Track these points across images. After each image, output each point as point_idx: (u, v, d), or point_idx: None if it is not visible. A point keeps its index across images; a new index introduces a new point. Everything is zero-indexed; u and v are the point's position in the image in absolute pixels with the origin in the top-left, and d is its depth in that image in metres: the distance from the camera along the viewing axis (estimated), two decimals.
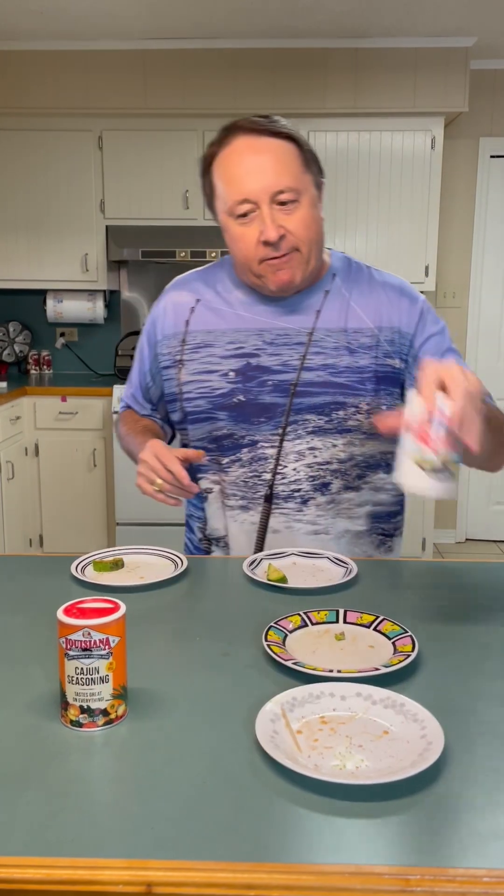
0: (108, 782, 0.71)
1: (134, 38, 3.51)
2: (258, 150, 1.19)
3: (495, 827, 0.64)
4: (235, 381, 1.31)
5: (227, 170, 1.21)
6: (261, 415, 1.30)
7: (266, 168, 1.19)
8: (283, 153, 1.20)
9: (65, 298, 3.97)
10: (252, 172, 1.19)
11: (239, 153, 1.20)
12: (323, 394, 1.29)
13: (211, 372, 1.33)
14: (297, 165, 1.21)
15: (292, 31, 3.42)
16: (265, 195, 1.19)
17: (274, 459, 1.31)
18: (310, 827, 0.64)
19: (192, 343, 1.35)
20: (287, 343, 1.30)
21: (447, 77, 3.57)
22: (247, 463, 1.32)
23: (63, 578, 1.18)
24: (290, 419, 1.29)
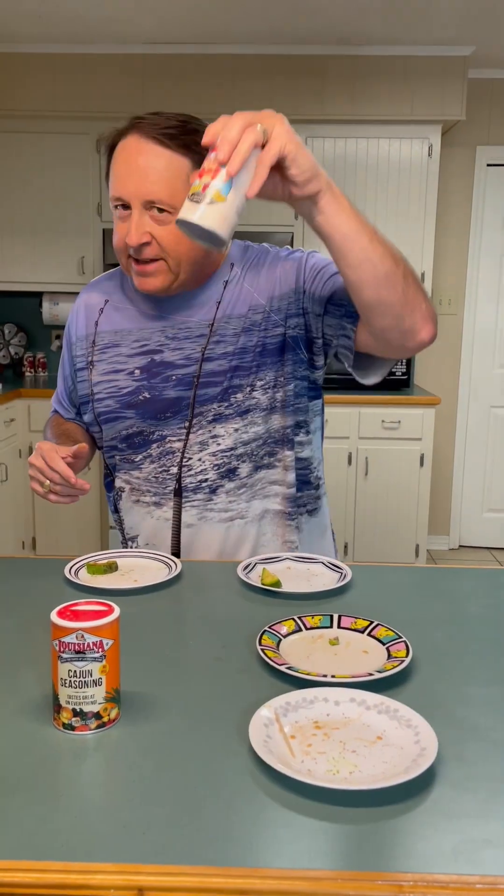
0: (99, 786, 0.71)
1: (132, 42, 3.52)
2: (143, 155, 1.16)
3: (488, 833, 0.64)
4: (140, 379, 1.32)
5: (115, 165, 1.20)
6: (167, 410, 1.31)
7: (144, 175, 1.16)
8: (168, 165, 1.16)
9: (61, 301, 3.96)
10: (131, 175, 1.17)
11: (126, 152, 1.18)
12: (220, 383, 1.29)
13: (118, 371, 1.34)
14: (180, 181, 1.16)
15: (291, 37, 3.43)
16: (137, 200, 1.17)
17: (180, 452, 1.32)
18: (303, 832, 0.64)
19: (101, 344, 1.36)
20: (189, 336, 1.30)
21: (445, 86, 3.58)
22: (156, 458, 1.33)
23: (56, 581, 1.18)
24: (195, 412, 1.30)
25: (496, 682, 0.90)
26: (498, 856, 0.62)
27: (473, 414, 4.24)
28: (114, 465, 1.40)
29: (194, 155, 1.16)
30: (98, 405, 1.36)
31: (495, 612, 1.11)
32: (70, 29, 3.36)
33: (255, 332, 1.29)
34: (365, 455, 3.65)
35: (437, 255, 4.00)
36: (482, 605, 1.14)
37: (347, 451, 3.64)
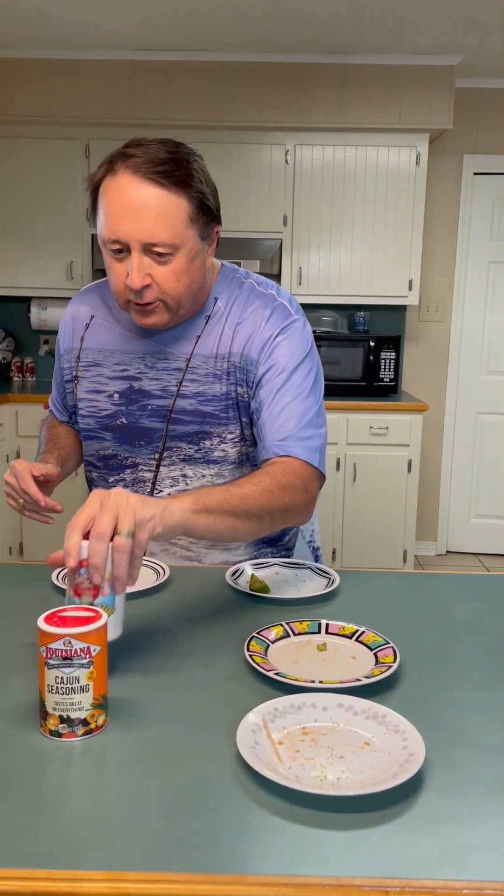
0: (86, 793, 0.70)
1: (122, 48, 3.52)
2: (138, 195, 1.10)
3: (474, 839, 0.64)
4: (119, 404, 1.31)
5: (107, 204, 1.12)
6: (141, 438, 1.31)
7: (143, 216, 1.10)
8: (166, 207, 1.10)
9: (49, 306, 3.95)
10: (128, 217, 1.10)
11: (119, 191, 1.10)
12: (192, 422, 1.27)
13: (99, 392, 1.33)
14: (179, 221, 1.12)
15: (280, 45, 3.45)
16: (136, 243, 1.11)
17: (150, 483, 1.31)
18: (290, 838, 0.64)
19: (85, 361, 1.35)
20: (167, 368, 1.28)
21: (432, 94, 3.61)
22: (129, 484, 1.33)
23: (44, 587, 1.17)
24: (166, 445, 1.29)
25: (483, 687, 0.90)
26: (484, 860, 0.62)
27: (461, 420, 4.26)
28: (91, 479, 1.40)
29: (188, 189, 1.12)
30: (80, 421, 1.37)
31: (482, 617, 1.12)
32: (60, 35, 3.36)
33: (224, 382, 1.26)
34: (353, 461, 3.66)
35: (425, 263, 4.03)
36: (469, 611, 1.15)
37: (335, 457, 3.65)
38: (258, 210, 3.69)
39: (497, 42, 3.37)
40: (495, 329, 4.17)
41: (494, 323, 4.17)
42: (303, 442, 1.19)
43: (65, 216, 3.74)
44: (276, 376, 1.22)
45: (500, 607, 1.16)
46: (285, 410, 1.20)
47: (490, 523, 4.33)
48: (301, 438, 1.19)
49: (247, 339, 1.25)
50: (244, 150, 3.67)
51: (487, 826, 0.66)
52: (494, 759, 0.76)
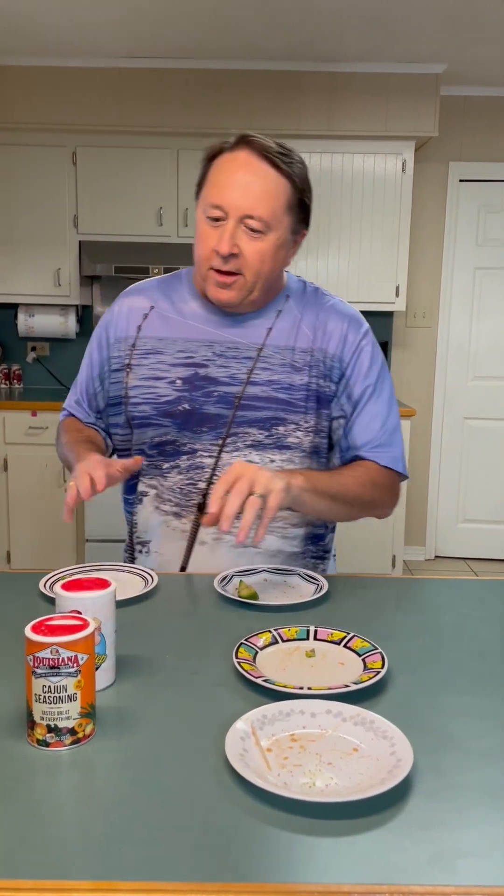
0: (74, 803, 0.70)
1: (110, 56, 3.53)
2: (251, 171, 1.20)
3: (463, 844, 0.65)
4: (182, 389, 1.32)
5: (219, 173, 1.23)
6: (203, 424, 1.31)
7: (250, 190, 1.20)
8: (274, 187, 1.21)
9: (36, 313, 3.94)
10: (236, 187, 1.20)
11: (235, 164, 1.21)
12: (265, 408, 1.30)
13: (158, 378, 1.33)
14: (280, 203, 1.21)
15: (267, 53, 3.47)
16: (236, 212, 1.20)
17: (210, 469, 1.32)
18: (279, 846, 0.64)
19: (143, 348, 1.35)
20: (236, 357, 1.31)
21: (418, 102, 3.64)
22: (185, 470, 1.33)
23: (31, 595, 1.17)
24: (231, 431, 1.30)
25: (470, 692, 0.91)
26: (473, 865, 0.62)
27: (448, 425, 4.28)
28: (140, 468, 1.38)
29: (294, 180, 1.23)
30: (133, 409, 1.35)
31: (469, 622, 1.12)
32: (48, 42, 3.37)
33: (306, 374, 1.32)
34: None
35: (412, 269, 4.05)
36: (457, 616, 1.15)
37: None
38: None
39: (481, 51, 3.40)
40: (482, 335, 4.20)
41: (481, 329, 4.20)
42: (392, 449, 1.33)
43: (52, 223, 3.74)
44: (365, 382, 1.33)
45: (487, 612, 1.17)
46: (375, 418, 1.33)
47: (478, 528, 4.35)
48: (390, 445, 1.33)
49: (331, 339, 1.33)
50: None
51: (476, 830, 0.66)
52: (482, 764, 0.76)
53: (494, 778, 0.74)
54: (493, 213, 4.10)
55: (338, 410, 1.34)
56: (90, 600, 0.87)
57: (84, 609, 0.86)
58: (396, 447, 1.34)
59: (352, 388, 1.33)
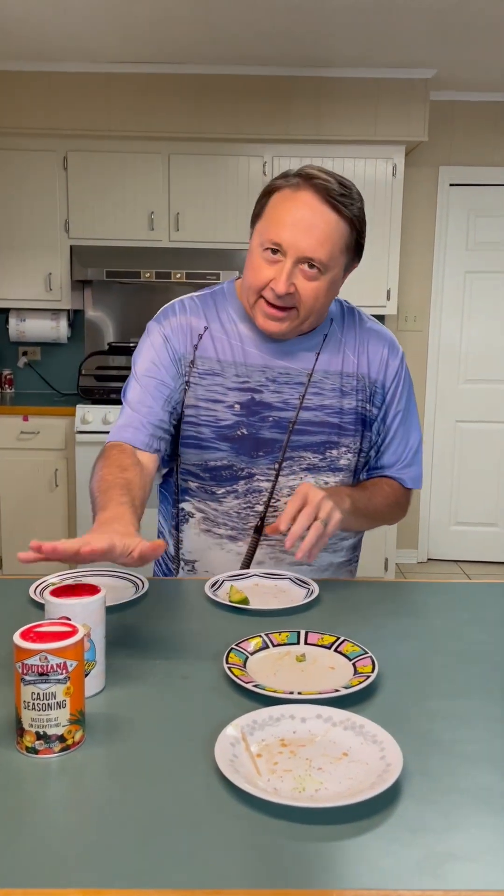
0: (64, 810, 0.70)
1: (100, 61, 3.53)
2: (314, 214, 1.20)
3: (452, 848, 0.65)
4: (240, 414, 1.32)
5: (280, 211, 1.22)
6: (259, 449, 1.33)
7: (311, 233, 1.20)
8: (334, 230, 1.21)
9: (28, 317, 3.94)
10: (297, 229, 1.20)
11: (297, 205, 1.21)
12: (319, 433, 1.34)
13: (217, 402, 1.32)
14: (340, 245, 1.23)
15: (256, 58, 3.48)
16: (294, 254, 1.20)
17: (268, 493, 1.34)
18: (269, 852, 0.64)
19: (202, 368, 1.32)
20: (288, 382, 1.33)
21: (408, 107, 3.66)
22: (242, 494, 1.34)
23: (21, 601, 1.16)
24: (286, 455, 1.33)
25: (460, 696, 0.91)
26: (461, 870, 0.62)
27: (440, 428, 4.29)
28: (186, 489, 1.38)
29: (353, 222, 1.24)
30: (189, 428, 1.33)
31: (460, 626, 1.12)
32: (37, 47, 3.37)
33: (353, 398, 1.36)
34: None
35: (403, 273, 4.06)
36: (447, 619, 1.16)
37: None
38: (236, 221, 3.70)
39: (470, 56, 3.42)
40: (472, 338, 4.22)
41: (471, 332, 4.21)
42: (415, 468, 1.43)
43: (43, 228, 3.74)
44: (398, 406, 1.40)
45: (478, 615, 1.17)
46: (404, 440, 1.42)
47: (470, 530, 4.36)
48: (412, 465, 1.43)
49: (374, 363, 1.38)
50: (222, 161, 3.69)
51: (465, 835, 0.66)
52: (472, 768, 0.76)
53: (484, 781, 0.74)
54: (482, 217, 4.12)
55: (375, 434, 1.40)
56: (79, 606, 0.87)
57: (73, 615, 0.85)
58: (418, 466, 1.43)
59: (388, 413, 1.40)
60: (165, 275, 3.67)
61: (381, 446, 1.41)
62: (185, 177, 3.71)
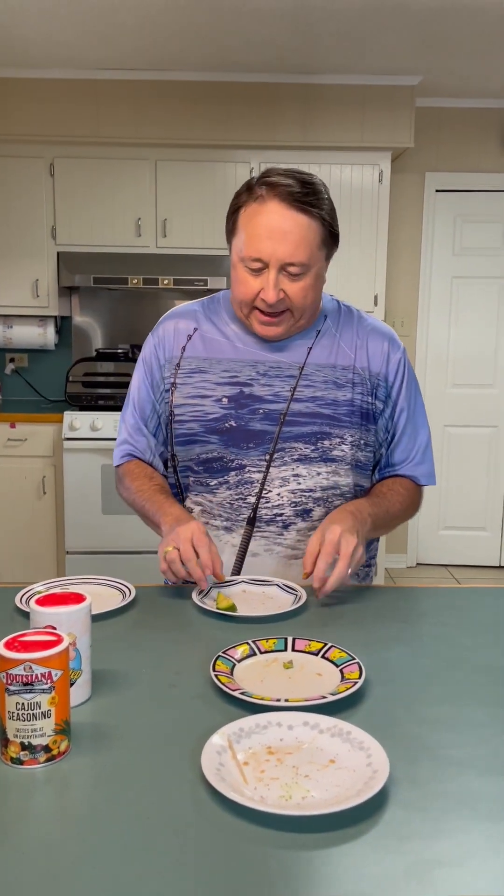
0: (49, 822, 0.69)
1: (87, 67, 3.53)
2: (285, 221, 1.23)
3: (439, 854, 0.65)
4: (228, 407, 1.36)
5: (252, 227, 1.25)
6: (250, 440, 1.35)
7: (286, 241, 1.23)
8: (307, 231, 1.24)
9: (15, 324, 3.92)
10: (272, 239, 1.23)
11: (267, 216, 1.24)
12: (310, 423, 1.35)
13: (204, 397, 1.37)
14: (315, 243, 1.26)
15: (243, 65, 3.49)
16: (276, 263, 1.24)
17: (259, 484, 1.35)
18: (255, 861, 0.63)
19: (187, 368, 1.39)
20: (279, 375, 1.36)
21: (394, 114, 3.68)
22: (233, 486, 1.36)
23: (7, 610, 1.15)
24: (277, 446, 1.35)
25: (447, 701, 0.91)
26: (448, 876, 0.62)
27: None
28: (187, 485, 1.42)
29: (322, 216, 1.26)
30: (179, 427, 1.39)
31: (447, 631, 1.12)
32: (24, 53, 3.37)
33: (349, 390, 1.36)
34: None
35: (390, 278, 4.08)
36: (436, 624, 1.16)
37: None
38: (224, 227, 3.70)
39: (454, 63, 3.45)
40: (459, 343, 4.24)
41: (458, 337, 4.24)
42: (427, 465, 1.44)
43: (30, 234, 3.73)
44: (405, 402, 1.41)
45: (464, 620, 1.17)
46: (413, 436, 1.42)
47: (458, 535, 4.38)
48: (423, 462, 1.44)
49: (375, 357, 1.38)
50: (209, 167, 3.70)
51: (452, 841, 0.66)
52: (458, 774, 0.76)
53: (470, 787, 0.74)
54: (468, 223, 4.15)
55: (383, 431, 1.41)
56: (65, 615, 0.86)
57: (59, 624, 0.85)
58: (430, 463, 1.45)
59: (395, 409, 1.40)
60: (153, 281, 3.67)
61: (391, 444, 1.42)
62: (172, 183, 3.71)
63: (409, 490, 1.43)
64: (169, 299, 4.11)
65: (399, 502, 1.39)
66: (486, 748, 0.81)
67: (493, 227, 4.14)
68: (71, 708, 0.80)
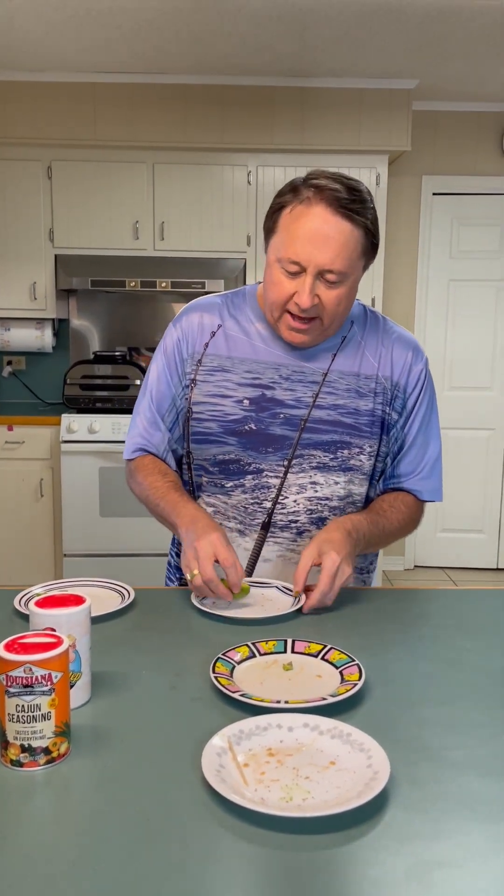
0: (49, 824, 0.69)
1: (84, 70, 3.54)
2: (328, 228, 1.20)
3: (439, 855, 0.65)
4: (249, 410, 1.33)
5: (294, 229, 1.21)
6: (269, 445, 1.33)
7: (328, 248, 1.20)
8: (349, 240, 1.21)
9: (12, 326, 3.92)
10: (314, 245, 1.20)
11: (311, 220, 1.20)
12: (331, 432, 1.33)
13: (225, 397, 1.34)
14: (356, 253, 1.23)
15: (240, 69, 3.50)
16: (315, 268, 1.21)
17: (276, 489, 1.34)
18: (256, 862, 0.63)
19: (209, 365, 1.35)
20: (302, 381, 1.33)
21: (391, 117, 3.69)
22: (249, 489, 1.34)
23: (6, 612, 1.15)
24: (296, 452, 1.33)
25: (447, 703, 0.91)
26: (449, 877, 0.62)
27: None
28: (200, 484, 1.39)
29: (366, 225, 1.23)
30: (197, 425, 1.35)
31: (446, 633, 1.13)
32: (21, 57, 3.37)
33: (371, 401, 1.35)
34: None
35: (387, 281, 4.08)
36: (435, 626, 1.16)
37: None
38: (222, 230, 3.72)
39: (450, 67, 3.46)
40: (457, 345, 4.25)
41: (456, 339, 4.24)
42: (433, 480, 1.41)
43: (28, 237, 3.73)
44: (420, 414, 1.39)
45: (463, 622, 1.17)
46: (423, 449, 1.40)
47: (456, 537, 4.38)
48: (430, 477, 1.41)
49: (398, 366, 1.36)
50: (207, 171, 3.70)
51: (452, 842, 0.66)
52: (458, 775, 0.76)
53: (470, 788, 0.74)
54: (465, 226, 4.16)
55: (393, 440, 1.38)
56: (64, 617, 0.86)
57: (58, 626, 0.85)
58: (437, 479, 1.41)
59: (408, 419, 1.38)
60: (150, 283, 3.67)
61: (399, 454, 1.39)
62: (169, 186, 3.71)
63: (411, 507, 1.39)
64: (166, 302, 4.11)
65: (398, 521, 1.36)
66: (486, 749, 0.81)
67: (490, 230, 4.15)
68: (71, 710, 0.80)
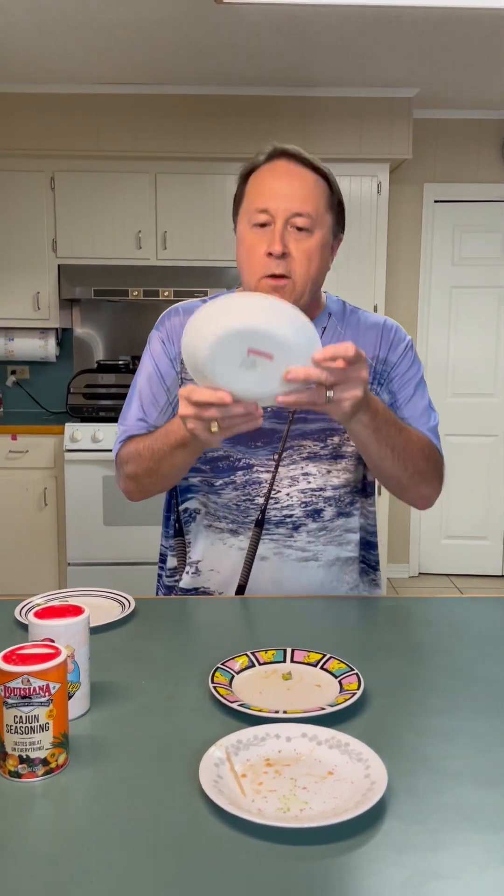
0: (47, 835, 0.69)
1: (87, 82, 3.57)
2: (293, 174, 1.25)
3: (437, 865, 0.64)
4: None
5: (260, 181, 1.26)
6: (258, 439, 1.32)
7: (294, 191, 1.23)
8: (315, 185, 1.25)
9: (16, 336, 3.94)
10: (281, 189, 1.24)
11: (275, 170, 1.25)
12: (319, 420, 1.32)
13: None
14: (322, 201, 1.26)
15: (241, 79, 3.52)
16: (283, 213, 1.23)
17: (268, 484, 1.32)
18: (254, 873, 0.63)
19: None
20: None
21: (392, 125, 3.70)
22: (240, 486, 1.33)
23: (7, 622, 1.16)
24: (286, 445, 1.32)
25: (446, 712, 0.91)
26: (446, 888, 0.62)
27: None
28: (189, 486, 1.38)
29: (328, 182, 1.27)
30: None
31: (447, 641, 1.12)
32: (24, 69, 3.40)
33: None
34: None
35: (389, 289, 4.09)
36: (436, 635, 1.16)
37: None
38: (224, 239, 3.73)
39: (451, 75, 3.47)
40: (459, 353, 4.25)
41: (458, 346, 4.24)
42: (430, 421, 1.35)
43: (31, 247, 3.75)
44: (413, 382, 1.36)
45: (464, 630, 1.17)
46: (423, 415, 1.35)
47: (460, 544, 4.37)
48: (432, 422, 1.35)
49: (383, 342, 1.36)
50: (209, 180, 3.72)
51: (450, 853, 0.66)
52: (456, 785, 0.76)
53: (469, 799, 0.74)
54: (467, 233, 4.16)
55: (389, 401, 1.34)
56: (63, 628, 0.86)
57: (57, 637, 0.85)
58: (433, 420, 1.36)
59: (406, 380, 1.35)
60: (153, 293, 3.69)
61: (394, 407, 1.34)
62: (172, 196, 3.73)
63: (429, 442, 1.30)
64: None
65: (417, 437, 1.27)
66: (486, 760, 0.81)
67: (492, 237, 4.16)
68: (69, 721, 0.80)
